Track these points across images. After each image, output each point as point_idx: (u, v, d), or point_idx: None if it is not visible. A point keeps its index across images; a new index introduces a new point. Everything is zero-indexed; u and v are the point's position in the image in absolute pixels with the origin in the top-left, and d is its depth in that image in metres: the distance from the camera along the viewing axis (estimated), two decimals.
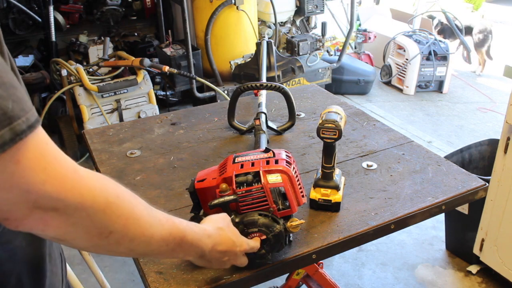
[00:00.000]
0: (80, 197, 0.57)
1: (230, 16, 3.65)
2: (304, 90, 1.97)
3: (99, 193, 0.60)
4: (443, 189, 1.28)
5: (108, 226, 0.62)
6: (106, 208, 0.60)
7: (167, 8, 4.28)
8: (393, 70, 4.86)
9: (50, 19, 3.67)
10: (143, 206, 0.68)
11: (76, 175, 0.57)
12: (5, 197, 0.52)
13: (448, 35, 5.19)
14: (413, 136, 3.77)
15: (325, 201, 1.18)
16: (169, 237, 0.72)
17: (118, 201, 0.63)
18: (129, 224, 0.64)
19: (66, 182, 0.55)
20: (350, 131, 1.61)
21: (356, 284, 2.34)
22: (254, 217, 0.94)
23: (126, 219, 0.64)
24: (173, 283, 0.98)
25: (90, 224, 0.59)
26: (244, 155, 1.00)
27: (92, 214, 0.59)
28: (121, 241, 0.64)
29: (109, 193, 0.62)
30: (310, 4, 4.07)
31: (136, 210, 0.66)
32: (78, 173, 0.58)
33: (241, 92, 1.58)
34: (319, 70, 4.07)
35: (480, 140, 2.54)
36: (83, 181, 0.58)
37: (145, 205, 0.69)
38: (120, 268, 2.43)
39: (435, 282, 2.36)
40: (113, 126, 1.71)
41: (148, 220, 0.68)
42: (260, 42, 2.45)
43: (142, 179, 1.35)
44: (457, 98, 4.70)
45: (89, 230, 0.60)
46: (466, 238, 2.36)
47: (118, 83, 3.17)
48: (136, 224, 0.65)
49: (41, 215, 0.55)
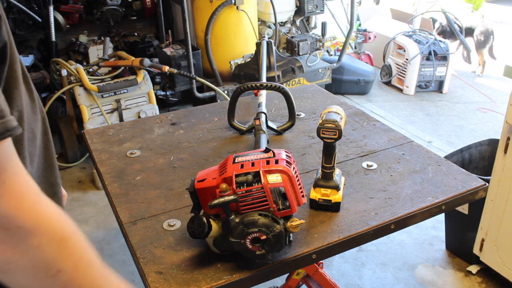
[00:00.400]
0: (35, 221, 0.51)
1: (230, 16, 3.65)
2: (304, 90, 1.97)
3: (56, 223, 0.54)
4: (443, 189, 1.28)
5: (58, 263, 0.55)
6: (60, 241, 0.54)
7: (167, 8, 4.28)
8: (393, 70, 4.86)
9: (50, 19, 3.67)
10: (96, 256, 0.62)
11: (36, 197, 0.53)
12: None
13: (448, 36, 5.19)
14: (413, 136, 3.77)
15: (325, 201, 1.18)
16: None
17: (74, 238, 0.57)
18: (80, 266, 0.58)
19: (24, 201, 0.50)
20: (350, 131, 1.61)
21: (356, 284, 2.34)
22: (254, 217, 0.94)
23: (79, 259, 0.58)
24: (173, 283, 0.98)
25: (40, 256, 0.53)
26: (244, 155, 1.00)
27: (44, 244, 0.53)
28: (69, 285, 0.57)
29: (67, 226, 0.57)
30: (310, 4, 4.07)
31: (90, 254, 0.60)
32: (40, 197, 0.53)
33: (241, 92, 1.58)
34: (319, 70, 4.07)
35: (480, 140, 2.54)
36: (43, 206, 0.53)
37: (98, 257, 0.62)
38: (120, 268, 2.43)
39: (435, 282, 2.36)
40: (113, 126, 1.71)
41: (100, 269, 0.62)
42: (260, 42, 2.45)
43: (142, 179, 1.35)
44: (457, 98, 4.70)
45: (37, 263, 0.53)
46: (466, 238, 2.36)
47: (118, 83, 3.17)
48: (87, 268, 0.59)
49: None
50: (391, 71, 4.89)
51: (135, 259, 1.06)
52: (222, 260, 1.02)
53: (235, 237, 0.95)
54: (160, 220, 1.17)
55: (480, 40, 5.05)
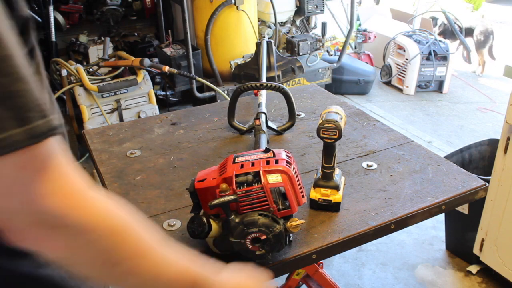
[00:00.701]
0: (84, 218, 0.52)
1: (230, 16, 3.65)
2: (304, 90, 1.97)
3: (105, 218, 0.55)
4: (443, 189, 1.27)
5: (114, 256, 0.57)
6: (113, 234, 0.56)
7: (167, 8, 4.28)
8: (393, 70, 4.86)
9: (50, 19, 3.67)
10: (154, 240, 0.63)
11: (85, 194, 0.53)
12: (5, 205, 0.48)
13: (448, 36, 5.19)
14: (413, 136, 3.77)
15: (325, 201, 1.18)
16: (177, 281, 0.65)
17: (127, 227, 0.58)
18: (135, 257, 0.59)
19: (72, 199, 0.51)
20: (350, 131, 1.61)
21: (356, 284, 2.34)
22: (254, 217, 0.94)
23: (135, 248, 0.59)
24: None
25: (94, 250, 0.55)
26: (244, 155, 1.00)
27: (96, 240, 0.54)
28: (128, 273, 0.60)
29: (118, 219, 0.57)
30: (310, 4, 4.07)
31: (144, 243, 0.61)
32: (88, 193, 0.53)
33: (241, 92, 1.58)
34: (319, 70, 4.07)
35: (480, 140, 2.54)
36: (91, 202, 0.53)
37: (158, 240, 0.63)
38: None
39: (435, 282, 2.36)
40: (113, 126, 1.70)
41: (157, 256, 0.62)
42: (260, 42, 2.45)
43: (142, 179, 1.35)
44: (457, 98, 4.70)
45: (94, 257, 0.56)
46: (466, 238, 2.36)
47: (118, 83, 3.17)
48: (142, 258, 0.60)
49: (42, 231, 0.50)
50: (391, 71, 4.89)
51: None
52: (222, 260, 1.02)
53: (235, 237, 0.95)
54: (160, 220, 1.17)
55: (480, 40, 5.05)
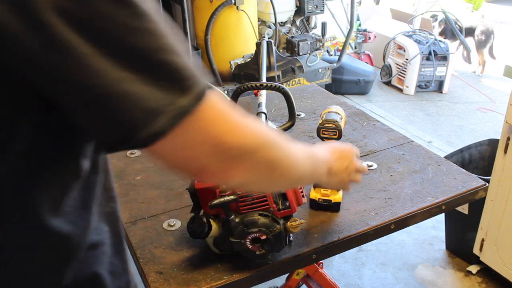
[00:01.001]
0: (253, 142, 0.63)
1: (230, 16, 3.65)
2: (304, 90, 1.97)
3: (262, 137, 0.66)
4: (443, 189, 1.28)
5: (275, 161, 0.68)
6: (273, 145, 0.67)
7: (167, 8, 4.28)
8: (393, 70, 4.86)
9: None
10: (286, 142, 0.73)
11: (246, 124, 0.63)
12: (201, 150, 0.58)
13: (448, 36, 5.19)
14: (413, 136, 3.77)
15: (325, 201, 1.18)
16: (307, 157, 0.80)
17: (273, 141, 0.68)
18: (286, 154, 0.71)
19: (240, 130, 0.61)
20: (350, 131, 1.61)
21: (356, 284, 2.34)
22: (254, 217, 0.94)
23: (284, 149, 0.70)
24: (173, 283, 0.98)
25: (264, 163, 0.66)
26: None
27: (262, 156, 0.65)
28: (283, 172, 0.71)
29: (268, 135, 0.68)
30: (310, 4, 4.07)
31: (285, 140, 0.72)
32: (248, 122, 0.63)
33: (241, 92, 1.58)
34: (319, 70, 4.07)
35: (480, 140, 2.54)
36: (252, 129, 0.64)
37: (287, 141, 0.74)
38: None
39: (435, 282, 2.36)
40: None
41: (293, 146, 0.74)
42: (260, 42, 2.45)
43: (142, 179, 1.35)
44: (457, 98, 4.70)
45: (262, 170, 0.67)
46: (466, 238, 2.36)
47: None
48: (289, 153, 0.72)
49: (229, 164, 0.61)
50: (391, 71, 4.88)
51: (135, 259, 1.06)
52: (222, 260, 1.02)
53: (235, 237, 0.95)
54: (160, 220, 1.17)
55: (480, 40, 5.05)
